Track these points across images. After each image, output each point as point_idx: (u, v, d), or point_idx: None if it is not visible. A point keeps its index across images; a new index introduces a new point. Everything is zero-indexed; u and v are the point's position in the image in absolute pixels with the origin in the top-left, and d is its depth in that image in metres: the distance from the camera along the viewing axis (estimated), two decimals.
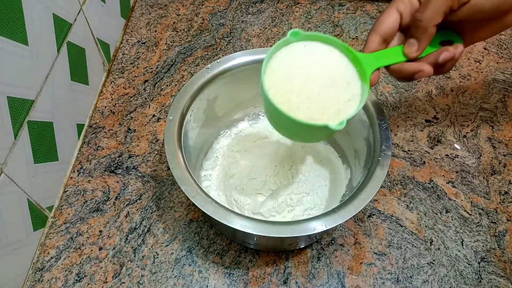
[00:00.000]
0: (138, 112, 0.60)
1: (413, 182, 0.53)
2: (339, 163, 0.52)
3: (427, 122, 0.59)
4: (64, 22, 0.51)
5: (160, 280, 0.45)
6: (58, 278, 0.46)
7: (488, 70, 0.66)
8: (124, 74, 0.64)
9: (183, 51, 0.67)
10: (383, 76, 0.65)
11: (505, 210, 0.51)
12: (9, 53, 0.40)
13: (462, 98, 0.62)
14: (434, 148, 0.56)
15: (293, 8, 0.75)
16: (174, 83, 0.63)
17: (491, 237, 0.49)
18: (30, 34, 0.43)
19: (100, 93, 0.62)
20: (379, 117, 0.44)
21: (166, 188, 0.52)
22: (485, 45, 0.70)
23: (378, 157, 0.41)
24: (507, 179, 0.54)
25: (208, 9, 0.74)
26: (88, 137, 0.57)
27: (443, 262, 0.47)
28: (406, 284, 0.46)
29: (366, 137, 0.45)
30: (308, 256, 0.47)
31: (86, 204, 0.51)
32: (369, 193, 0.39)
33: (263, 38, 0.70)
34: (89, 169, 0.54)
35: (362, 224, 0.50)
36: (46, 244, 0.48)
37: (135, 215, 0.50)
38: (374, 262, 0.47)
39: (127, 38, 0.69)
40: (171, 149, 0.41)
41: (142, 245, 0.48)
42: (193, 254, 0.47)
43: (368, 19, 0.74)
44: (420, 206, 0.51)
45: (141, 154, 0.55)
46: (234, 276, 0.46)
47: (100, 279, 0.45)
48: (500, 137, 0.58)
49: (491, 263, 0.47)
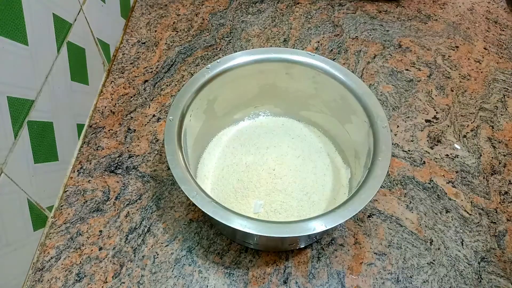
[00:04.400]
0: (138, 112, 0.60)
1: (413, 182, 0.53)
2: (339, 162, 0.52)
3: (427, 122, 0.59)
4: (64, 22, 0.51)
5: (160, 280, 0.45)
6: (58, 278, 0.46)
7: (488, 70, 0.66)
8: (124, 74, 0.64)
9: (183, 51, 0.67)
10: (383, 76, 0.65)
11: (505, 210, 0.51)
12: (9, 53, 0.40)
13: (462, 98, 0.62)
14: (434, 148, 0.56)
15: (293, 8, 0.75)
16: (174, 83, 0.63)
17: (491, 237, 0.49)
18: (30, 34, 0.43)
19: (100, 93, 0.62)
20: (379, 117, 0.44)
21: (166, 188, 0.52)
22: (485, 45, 0.70)
23: (378, 157, 0.41)
24: (507, 179, 0.54)
25: (208, 9, 0.74)
26: (88, 137, 0.57)
27: (443, 262, 0.47)
28: (406, 284, 0.46)
29: (366, 137, 0.45)
30: (308, 256, 0.47)
31: (86, 204, 0.51)
32: (369, 193, 0.39)
33: (263, 38, 0.70)
34: (89, 169, 0.54)
35: (362, 224, 0.50)
36: (46, 244, 0.48)
37: (135, 215, 0.50)
38: (374, 262, 0.47)
39: (127, 38, 0.69)
40: (171, 149, 0.41)
41: (142, 245, 0.48)
42: (193, 254, 0.47)
43: (368, 19, 0.74)
44: (420, 206, 0.51)
45: (141, 154, 0.55)
46: (234, 276, 0.46)
47: (100, 279, 0.45)
48: (500, 137, 0.58)
49: (491, 263, 0.47)
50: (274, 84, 0.53)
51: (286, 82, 0.52)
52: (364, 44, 0.69)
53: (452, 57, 0.68)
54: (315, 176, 0.50)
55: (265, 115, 0.57)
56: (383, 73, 0.65)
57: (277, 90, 0.53)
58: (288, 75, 0.51)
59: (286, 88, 0.53)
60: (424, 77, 0.65)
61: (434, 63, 0.67)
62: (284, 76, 0.51)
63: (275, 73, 0.51)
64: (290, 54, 0.49)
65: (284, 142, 0.53)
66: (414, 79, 0.65)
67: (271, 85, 0.53)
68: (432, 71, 0.66)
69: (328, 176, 0.51)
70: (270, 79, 0.52)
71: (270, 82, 0.52)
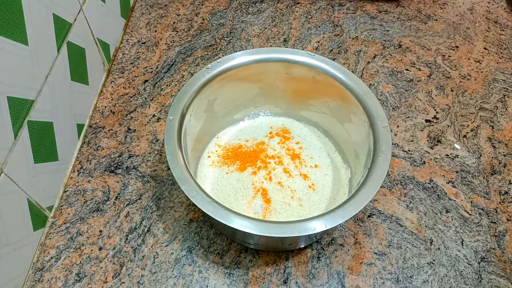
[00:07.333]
0: (138, 112, 0.60)
1: (413, 182, 0.53)
2: (339, 162, 0.52)
3: (427, 122, 0.59)
4: (64, 22, 0.51)
5: (160, 280, 0.45)
6: (58, 278, 0.46)
7: (488, 70, 0.66)
8: (124, 74, 0.64)
9: (183, 51, 0.67)
10: (383, 76, 0.65)
11: (505, 210, 0.51)
12: (9, 53, 0.40)
13: (462, 98, 0.62)
14: (434, 148, 0.56)
15: (293, 8, 0.75)
16: (174, 83, 0.63)
17: (491, 237, 0.49)
18: (30, 34, 0.43)
19: (100, 93, 0.62)
20: (379, 117, 0.44)
21: (166, 188, 0.52)
22: (485, 45, 0.70)
23: (378, 157, 0.41)
24: (507, 179, 0.54)
25: (208, 9, 0.74)
26: (88, 137, 0.57)
27: (443, 262, 0.47)
28: (406, 284, 0.46)
29: (366, 137, 0.45)
30: (308, 256, 0.47)
31: (86, 204, 0.51)
32: (369, 193, 0.39)
33: (263, 38, 0.70)
34: (89, 169, 0.54)
35: (362, 224, 0.50)
36: (46, 244, 0.48)
37: (135, 215, 0.50)
38: (374, 262, 0.47)
39: (127, 38, 0.69)
40: (171, 149, 0.41)
41: (142, 245, 0.48)
42: (193, 254, 0.47)
43: (368, 19, 0.74)
44: (420, 206, 0.51)
45: (141, 154, 0.55)
46: (234, 276, 0.46)
47: (100, 279, 0.45)
48: (500, 137, 0.58)
49: (491, 263, 0.47)
50: (274, 84, 0.53)
51: (286, 82, 0.52)
52: (364, 44, 0.69)
53: (452, 57, 0.68)
54: (315, 176, 0.50)
55: (265, 115, 0.57)
56: (383, 73, 0.65)
57: (277, 90, 0.53)
58: (288, 75, 0.51)
59: (286, 88, 0.53)
60: (424, 77, 0.65)
61: (434, 63, 0.67)
62: (284, 76, 0.51)
63: (275, 73, 0.51)
64: (290, 54, 0.49)
65: (284, 142, 0.53)
66: (414, 79, 0.65)
67: (271, 85, 0.53)
68: (432, 71, 0.66)
69: (328, 176, 0.51)
70: (270, 79, 0.52)
71: (270, 82, 0.52)
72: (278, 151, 0.52)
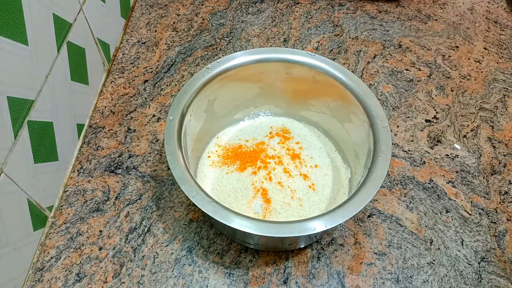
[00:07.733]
0: (138, 112, 0.60)
1: (413, 182, 0.53)
2: (339, 162, 0.52)
3: (427, 122, 0.59)
4: (64, 22, 0.51)
5: (160, 280, 0.45)
6: (58, 278, 0.46)
7: (488, 70, 0.66)
8: (124, 74, 0.64)
9: (183, 51, 0.67)
10: (383, 76, 0.65)
11: (505, 210, 0.51)
12: (9, 53, 0.40)
13: (462, 98, 0.62)
14: (434, 148, 0.56)
15: (293, 8, 0.75)
16: (174, 83, 0.63)
17: (491, 237, 0.49)
18: (30, 34, 0.43)
19: (100, 93, 0.62)
20: (379, 117, 0.44)
21: (166, 188, 0.52)
22: (485, 45, 0.70)
23: (378, 157, 0.41)
24: (507, 179, 0.54)
25: (208, 9, 0.74)
26: (88, 137, 0.57)
27: (443, 262, 0.47)
28: (406, 284, 0.46)
29: (366, 137, 0.45)
30: (308, 256, 0.47)
31: (86, 204, 0.51)
32: (369, 193, 0.39)
33: (263, 38, 0.70)
34: (89, 169, 0.54)
35: (362, 224, 0.50)
36: (46, 244, 0.48)
37: (135, 215, 0.50)
38: (374, 262, 0.47)
39: (127, 38, 0.69)
40: (171, 149, 0.41)
41: (142, 245, 0.48)
42: (193, 254, 0.47)
43: (368, 19, 0.74)
44: (420, 206, 0.51)
45: (141, 154, 0.55)
46: (234, 276, 0.46)
47: (100, 279, 0.45)
48: (500, 137, 0.58)
49: (491, 263, 0.47)
50: (274, 84, 0.53)
51: (286, 82, 0.52)
52: (364, 44, 0.69)
53: (452, 57, 0.68)
54: (315, 176, 0.50)
55: (265, 115, 0.57)
56: (383, 73, 0.65)
57: (277, 90, 0.53)
58: (288, 75, 0.51)
59: (286, 88, 0.53)
60: (424, 77, 0.65)
61: (434, 63, 0.67)
62: (284, 76, 0.51)
63: (275, 73, 0.51)
64: (290, 54, 0.49)
65: (284, 142, 0.53)
66: (414, 79, 0.65)
67: (271, 85, 0.53)
68: (432, 71, 0.66)
69: (328, 176, 0.51)
70: (270, 79, 0.52)
71: (270, 82, 0.52)
72: (278, 151, 0.52)
